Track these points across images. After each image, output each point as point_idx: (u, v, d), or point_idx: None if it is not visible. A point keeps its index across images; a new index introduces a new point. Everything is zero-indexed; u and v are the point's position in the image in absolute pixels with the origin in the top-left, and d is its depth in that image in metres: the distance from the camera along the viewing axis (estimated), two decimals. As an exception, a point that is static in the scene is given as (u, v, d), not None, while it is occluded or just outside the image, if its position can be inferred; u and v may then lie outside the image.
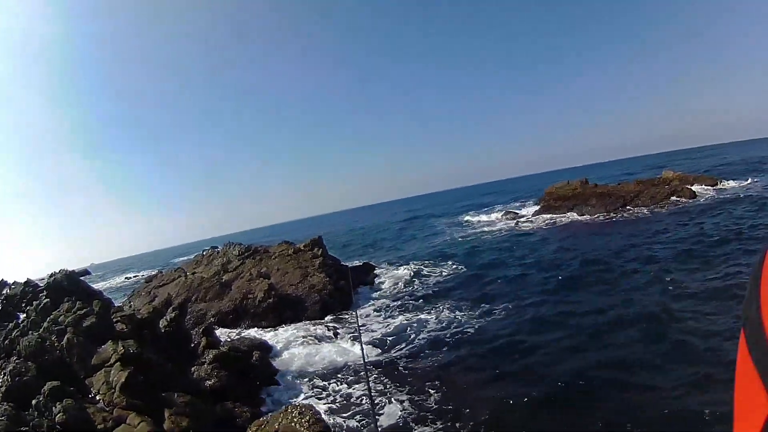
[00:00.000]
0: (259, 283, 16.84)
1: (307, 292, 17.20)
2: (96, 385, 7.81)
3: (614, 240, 20.72)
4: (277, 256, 20.34)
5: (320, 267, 18.91)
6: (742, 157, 58.97)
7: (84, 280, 12.29)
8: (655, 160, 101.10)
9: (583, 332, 10.63)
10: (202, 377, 9.85)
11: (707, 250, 15.76)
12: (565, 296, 13.97)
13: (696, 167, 52.06)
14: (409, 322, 14.02)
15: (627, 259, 16.59)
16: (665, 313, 10.55)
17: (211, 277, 17.16)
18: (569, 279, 15.67)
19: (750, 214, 20.57)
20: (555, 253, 20.51)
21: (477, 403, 8.33)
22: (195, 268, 20.30)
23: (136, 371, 8.39)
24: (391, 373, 10.38)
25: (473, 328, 12.40)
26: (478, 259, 22.60)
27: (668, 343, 9.08)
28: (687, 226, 20.73)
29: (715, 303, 10.56)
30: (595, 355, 9.34)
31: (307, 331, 14.49)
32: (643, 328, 10.05)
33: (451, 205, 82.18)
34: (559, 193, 36.34)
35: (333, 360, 11.71)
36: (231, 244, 22.31)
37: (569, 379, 8.51)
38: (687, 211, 25.14)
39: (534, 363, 9.60)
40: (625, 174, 59.02)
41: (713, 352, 8.16)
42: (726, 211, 22.56)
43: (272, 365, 11.68)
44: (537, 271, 17.80)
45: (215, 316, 14.82)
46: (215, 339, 11.74)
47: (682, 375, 7.71)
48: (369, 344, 12.46)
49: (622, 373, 8.40)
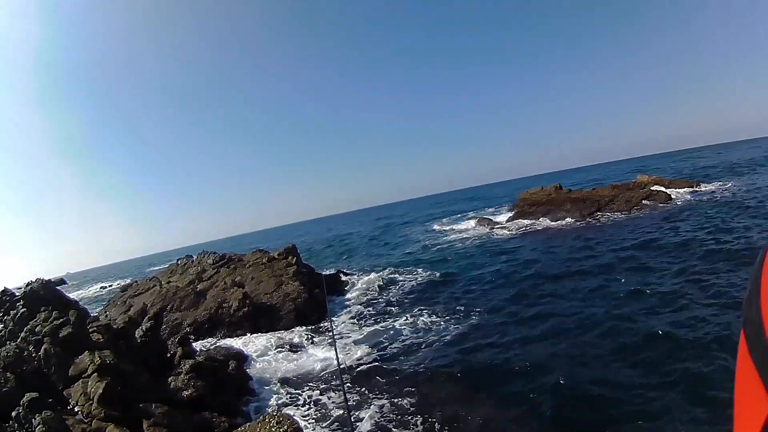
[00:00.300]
0: (233, 292, 16.89)
1: (282, 301, 17.33)
2: (74, 396, 7.87)
3: (587, 245, 21.44)
4: (252, 265, 20.37)
5: (294, 275, 19.05)
6: (720, 160, 61.96)
7: (60, 290, 12.15)
8: (630, 165, 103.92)
9: (556, 336, 11.11)
10: (179, 387, 9.93)
11: (673, 252, 16.70)
12: (537, 301, 14.45)
13: (674, 171, 54.44)
14: (384, 329, 14.33)
15: (596, 264, 17.31)
16: (618, 318, 11.30)
17: (186, 286, 17.11)
18: (541, 284, 16.24)
19: (722, 216, 21.54)
20: (527, 259, 21.09)
21: (453, 408, 8.59)
22: (170, 277, 20.13)
23: (113, 382, 8.47)
24: (368, 380, 10.55)
25: (448, 335, 12.69)
26: (450, 267, 23.02)
27: (630, 344, 9.73)
28: (661, 229, 21.44)
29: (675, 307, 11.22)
30: (567, 359, 9.75)
31: (282, 339, 14.63)
32: (607, 331, 10.70)
33: (425, 212, 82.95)
34: (533, 199, 36.46)
35: (309, 368, 11.92)
36: (205, 253, 22.21)
37: (544, 382, 8.87)
38: (662, 214, 25.90)
39: (508, 368, 9.92)
40: (595, 181, 61.03)
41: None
42: (699, 214, 23.50)
43: (248, 374, 11.84)
44: (510, 277, 18.30)
45: (191, 326, 14.81)
46: (191, 349, 11.81)
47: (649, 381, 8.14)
48: (344, 351, 12.63)
49: (593, 374, 8.85)
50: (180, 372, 10.49)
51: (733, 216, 21.38)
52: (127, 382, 9.08)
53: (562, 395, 8.32)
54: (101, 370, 8.80)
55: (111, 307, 18.61)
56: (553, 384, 8.71)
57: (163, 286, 17.48)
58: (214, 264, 20.18)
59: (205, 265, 20.19)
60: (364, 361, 11.79)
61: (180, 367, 10.71)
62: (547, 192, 36.07)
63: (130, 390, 8.90)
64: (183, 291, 16.47)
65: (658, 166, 70.78)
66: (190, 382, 10.21)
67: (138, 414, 8.19)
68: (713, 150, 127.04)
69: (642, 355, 9.20)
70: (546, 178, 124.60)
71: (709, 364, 8.07)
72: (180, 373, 10.46)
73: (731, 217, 21.01)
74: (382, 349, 12.59)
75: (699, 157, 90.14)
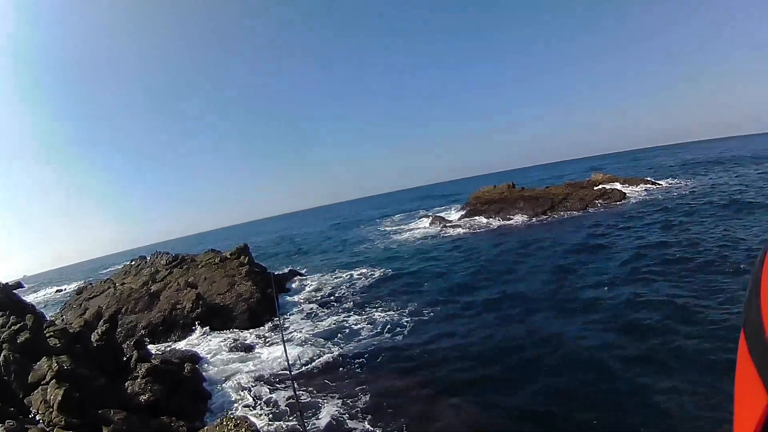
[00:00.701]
0: (187, 293, 16.97)
1: (235, 301, 17.60)
2: (35, 404, 8.08)
3: (535, 242, 22.46)
4: (204, 265, 20.38)
5: (247, 275, 19.30)
6: (679, 159, 66.20)
7: (18, 294, 11.98)
8: (588, 164, 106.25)
9: (503, 327, 12.05)
10: (137, 392, 10.21)
11: (615, 250, 17.99)
12: (483, 295, 15.27)
13: (630, 169, 57.28)
14: (337, 326, 14.76)
15: (542, 260, 18.49)
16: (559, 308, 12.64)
17: (140, 287, 17.02)
18: (488, 279, 17.21)
19: (670, 214, 23.19)
20: (476, 256, 21.95)
21: (408, 402, 8.95)
22: (124, 279, 19.79)
23: (71, 388, 8.70)
24: (321, 377, 10.88)
25: (400, 330, 13.19)
26: (402, 264, 23.69)
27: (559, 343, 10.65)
28: (610, 226, 22.85)
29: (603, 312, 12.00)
30: (515, 352, 10.44)
31: (236, 340, 14.93)
32: (549, 320, 11.94)
33: (378, 210, 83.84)
34: (486, 198, 36.25)
35: (263, 368, 12.19)
36: (158, 254, 21.98)
37: (493, 375, 9.48)
38: (614, 212, 27.25)
39: (458, 363, 10.38)
40: (553, 179, 63.07)
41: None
42: (650, 211, 24.97)
43: (204, 377, 12.15)
44: (458, 273, 19.12)
45: (146, 328, 14.86)
46: (146, 352, 12.04)
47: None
48: (297, 349, 12.93)
49: (533, 364, 9.65)
50: (136, 376, 10.71)
51: (680, 213, 22.97)
52: (85, 388, 9.30)
53: (511, 383, 8.98)
54: (59, 377, 8.98)
55: (67, 310, 18.04)
56: (502, 371, 9.48)
57: (118, 288, 17.27)
58: (167, 265, 20.04)
59: (158, 266, 20.02)
60: (317, 359, 12.07)
61: (136, 371, 10.92)
62: (500, 190, 36.00)
63: (88, 396, 9.13)
64: (137, 293, 16.39)
65: (618, 165, 74.62)
66: (147, 386, 10.46)
67: (97, 420, 8.48)
68: (671, 150, 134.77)
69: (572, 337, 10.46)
70: (499, 176, 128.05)
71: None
72: (137, 377, 10.68)
73: (677, 215, 22.40)
74: (335, 346, 12.94)
75: (656, 156, 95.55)
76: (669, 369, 8.30)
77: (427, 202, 73.01)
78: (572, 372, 8.99)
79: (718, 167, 43.56)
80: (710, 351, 8.54)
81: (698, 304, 10.90)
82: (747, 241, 15.49)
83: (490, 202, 35.36)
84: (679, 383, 7.70)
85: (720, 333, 9.17)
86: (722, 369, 7.66)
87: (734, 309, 10.10)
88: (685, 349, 8.91)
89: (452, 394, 8.95)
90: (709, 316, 10.12)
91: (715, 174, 38.35)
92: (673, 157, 75.51)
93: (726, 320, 9.68)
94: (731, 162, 47.02)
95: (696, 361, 8.37)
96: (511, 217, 31.95)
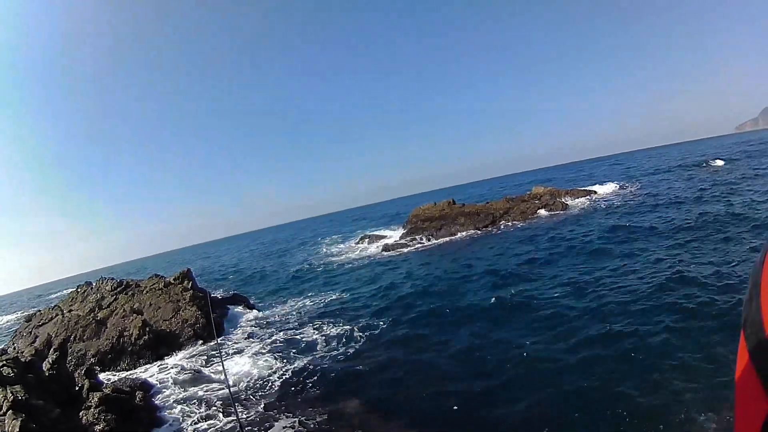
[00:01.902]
0: (132, 320, 16.84)
1: (181, 327, 17.67)
2: (-5, 436, 8.27)
3: (475, 256, 23.64)
4: (149, 291, 20.11)
5: (191, 300, 19.31)
6: (617, 169, 70.92)
7: None
8: (528, 177, 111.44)
9: (447, 343, 12.69)
10: (91, 422, 10.34)
11: (553, 261, 19.59)
12: (424, 313, 15.97)
13: (571, 180, 61.24)
14: (282, 346, 15.12)
15: (483, 274, 19.53)
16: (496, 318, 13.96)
17: (87, 314, 16.65)
18: (428, 296, 18.10)
19: (608, 219, 25.33)
20: (416, 273, 22.68)
21: (356, 420, 9.27)
22: (71, 305, 19.10)
23: (27, 420, 8.88)
24: (271, 398, 11.20)
25: (345, 350, 13.66)
26: (342, 285, 24.02)
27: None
28: (550, 238, 24.23)
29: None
30: (468, 365, 11.15)
31: (183, 366, 14.97)
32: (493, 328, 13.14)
33: (316, 231, 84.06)
34: (426, 215, 36.19)
35: (211, 392, 12.45)
36: (103, 279, 21.42)
37: (446, 391, 9.85)
38: (554, 223, 28.65)
39: (409, 382, 10.77)
40: (493, 193, 65.77)
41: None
42: (589, 219, 26.85)
43: (155, 404, 12.35)
44: (399, 291, 19.79)
45: (95, 356, 14.63)
46: (98, 381, 12.13)
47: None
48: (244, 368, 13.41)
49: (483, 379, 10.23)
50: (89, 405, 10.81)
51: (617, 218, 25.15)
52: (40, 419, 9.44)
53: (466, 396, 9.43)
54: (15, 407, 9.12)
55: (18, 338, 17.10)
56: (453, 386, 9.95)
57: (66, 315, 16.74)
58: (112, 290, 19.58)
59: (103, 291, 19.50)
60: (265, 380, 12.42)
61: (89, 400, 11.01)
62: (440, 207, 36.03)
63: (43, 427, 9.29)
64: (84, 320, 15.98)
65: (558, 176, 79.56)
66: (101, 415, 10.59)
67: (55, 451, 8.71)
68: (613, 159, 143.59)
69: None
70: (433, 194, 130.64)
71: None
72: (90, 406, 10.78)
73: (614, 222, 24.34)
74: (281, 365, 13.28)
75: (599, 166, 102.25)
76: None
77: (363, 223, 72.78)
78: (521, 380, 9.94)
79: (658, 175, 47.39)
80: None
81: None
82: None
83: (431, 219, 35.27)
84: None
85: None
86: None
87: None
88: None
89: (400, 418, 9.24)
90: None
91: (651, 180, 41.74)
92: (614, 167, 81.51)
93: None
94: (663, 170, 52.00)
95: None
96: (454, 234, 32.23)
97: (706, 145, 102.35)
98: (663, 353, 9.66)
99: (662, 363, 9.23)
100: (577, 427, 7.87)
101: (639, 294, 13.37)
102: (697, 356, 9.18)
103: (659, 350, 9.85)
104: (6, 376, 9.81)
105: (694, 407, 7.43)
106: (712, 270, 13.97)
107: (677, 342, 9.99)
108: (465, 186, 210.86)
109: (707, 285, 12.75)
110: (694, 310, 11.31)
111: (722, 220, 20.06)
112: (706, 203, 25.18)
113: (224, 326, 19.09)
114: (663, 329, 10.73)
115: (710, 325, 10.35)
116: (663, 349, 9.83)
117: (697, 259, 15.55)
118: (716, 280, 13.02)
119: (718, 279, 13.13)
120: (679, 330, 10.53)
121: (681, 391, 8.01)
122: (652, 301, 12.65)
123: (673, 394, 8.02)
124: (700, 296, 12.10)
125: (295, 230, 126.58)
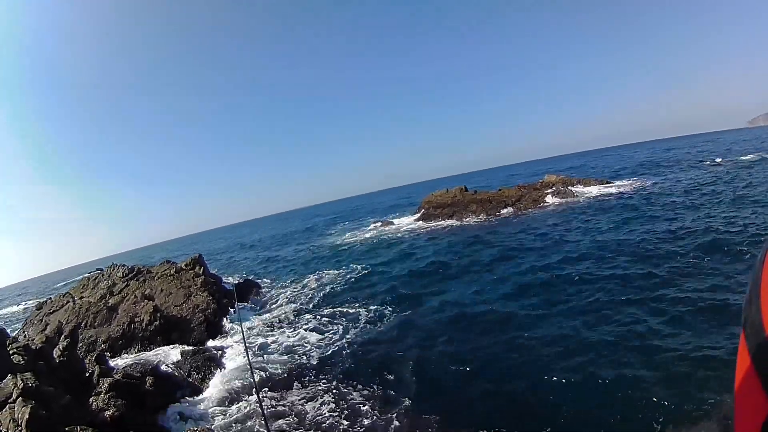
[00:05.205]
0: (144, 306, 17.00)
1: (192, 312, 17.78)
2: (4, 423, 8.32)
3: (489, 241, 23.72)
4: (160, 277, 20.31)
5: (202, 286, 19.48)
6: (640, 159, 69.82)
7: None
8: (541, 167, 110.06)
9: (466, 332, 12.65)
10: (101, 407, 10.44)
11: (555, 247, 19.86)
12: (442, 296, 16.29)
13: (591, 169, 60.14)
14: (298, 332, 15.22)
15: (493, 260, 19.80)
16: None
17: (98, 301, 16.90)
18: (445, 281, 18.40)
19: (619, 213, 24.70)
20: (433, 260, 22.49)
21: (373, 406, 9.31)
22: (82, 293, 19.39)
23: (38, 407, 8.96)
24: (286, 387, 11.18)
25: (357, 340, 13.54)
26: (358, 270, 24.10)
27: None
28: (556, 227, 24.12)
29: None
30: (471, 348, 11.38)
31: (195, 352, 15.07)
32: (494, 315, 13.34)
33: (327, 218, 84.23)
34: (438, 202, 36.36)
35: (223, 379, 12.56)
36: (115, 266, 21.69)
37: (459, 383, 9.85)
38: (564, 212, 28.19)
39: (422, 369, 10.78)
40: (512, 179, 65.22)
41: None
42: (599, 211, 26.31)
43: (166, 390, 12.44)
44: (413, 281, 19.74)
45: (106, 342, 14.88)
46: (108, 367, 12.24)
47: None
48: (259, 356, 13.37)
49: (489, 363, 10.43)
50: (100, 391, 10.93)
51: (629, 213, 24.31)
52: (51, 405, 9.54)
53: (478, 386, 9.45)
54: (25, 394, 9.21)
55: (29, 326, 17.48)
56: (465, 374, 10.05)
57: (77, 302, 17.00)
58: (123, 277, 19.87)
59: (115, 278, 19.80)
60: (280, 365, 12.47)
61: (99, 386, 11.13)
62: (452, 194, 36.11)
63: (53, 413, 9.38)
64: (95, 306, 16.25)
65: (579, 164, 78.49)
66: (111, 401, 10.69)
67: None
68: (628, 149, 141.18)
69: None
70: (448, 180, 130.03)
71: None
72: (100, 392, 10.90)
73: (626, 216, 23.59)
74: (299, 352, 13.35)
75: (616, 155, 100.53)
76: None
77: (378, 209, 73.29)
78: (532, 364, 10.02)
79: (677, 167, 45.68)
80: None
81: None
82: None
83: (443, 206, 35.38)
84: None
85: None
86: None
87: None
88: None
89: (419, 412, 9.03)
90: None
91: (668, 174, 40.04)
92: (630, 158, 79.95)
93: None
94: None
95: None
96: (465, 220, 32.22)
97: (724, 139, 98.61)
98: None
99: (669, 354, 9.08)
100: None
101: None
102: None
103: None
104: (17, 364, 9.90)
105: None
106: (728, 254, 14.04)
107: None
108: (500, 169, 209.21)
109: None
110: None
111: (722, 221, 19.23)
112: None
113: (238, 312, 19.12)
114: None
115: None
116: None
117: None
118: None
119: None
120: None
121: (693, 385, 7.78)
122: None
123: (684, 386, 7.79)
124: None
125: (304, 217, 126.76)
